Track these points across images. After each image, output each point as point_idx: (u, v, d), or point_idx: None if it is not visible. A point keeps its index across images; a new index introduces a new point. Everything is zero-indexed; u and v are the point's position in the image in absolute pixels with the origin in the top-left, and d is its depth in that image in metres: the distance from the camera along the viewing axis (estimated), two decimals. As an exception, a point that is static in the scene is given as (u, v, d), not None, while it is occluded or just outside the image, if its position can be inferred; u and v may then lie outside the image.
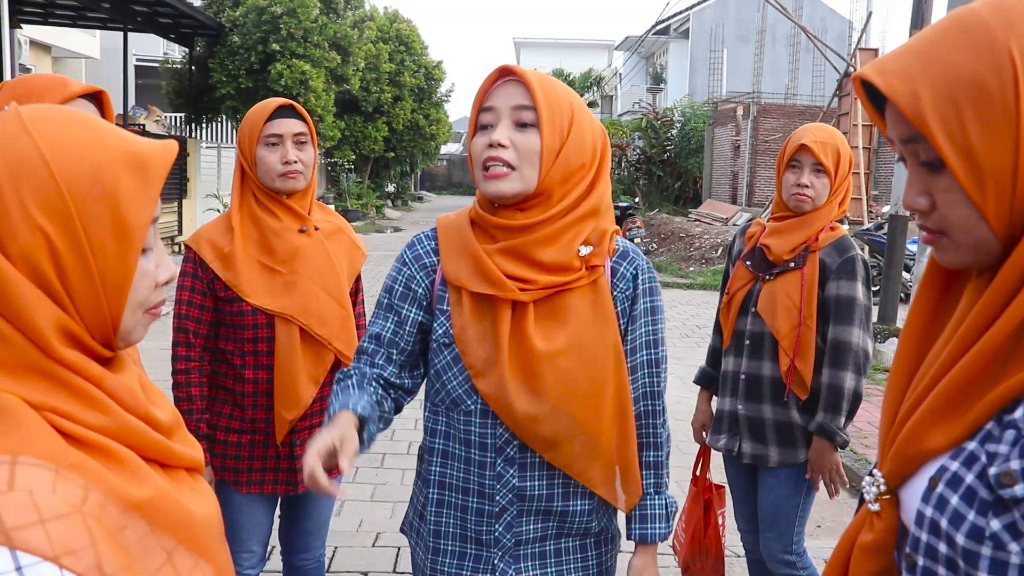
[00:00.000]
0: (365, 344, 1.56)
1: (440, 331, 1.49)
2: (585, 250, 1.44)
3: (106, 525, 0.72)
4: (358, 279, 2.35)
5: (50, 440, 0.73)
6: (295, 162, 2.08)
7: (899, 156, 0.89)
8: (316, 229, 2.16)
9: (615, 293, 1.50)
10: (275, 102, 2.12)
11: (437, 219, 1.57)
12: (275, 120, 2.08)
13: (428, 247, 1.54)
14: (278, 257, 2.09)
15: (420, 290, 1.52)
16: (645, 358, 1.53)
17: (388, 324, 1.54)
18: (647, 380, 1.54)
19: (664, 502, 1.55)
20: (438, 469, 1.52)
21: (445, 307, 1.49)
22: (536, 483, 1.47)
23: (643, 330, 1.53)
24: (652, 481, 1.54)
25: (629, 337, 1.52)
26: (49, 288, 0.76)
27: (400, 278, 1.54)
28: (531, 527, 1.49)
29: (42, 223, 0.75)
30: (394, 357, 1.53)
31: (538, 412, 1.40)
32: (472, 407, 1.46)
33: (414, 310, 1.52)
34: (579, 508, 1.50)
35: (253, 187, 2.11)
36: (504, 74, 1.43)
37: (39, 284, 0.76)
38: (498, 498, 1.47)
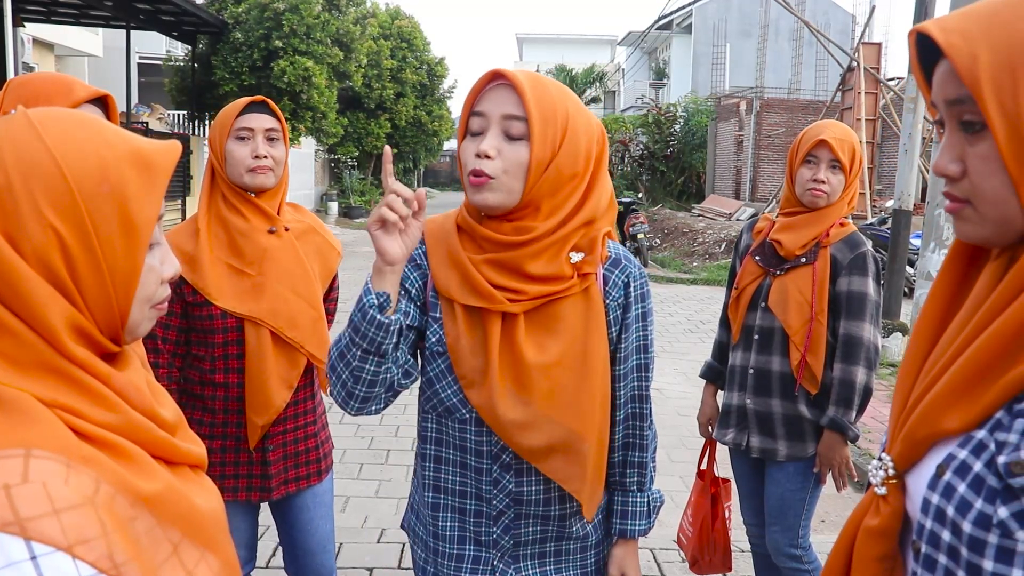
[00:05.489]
0: None
1: (434, 339, 1.45)
2: (576, 256, 1.40)
3: (116, 516, 0.74)
4: (334, 278, 2.28)
5: (62, 435, 0.74)
6: (265, 157, 2.03)
7: (937, 121, 0.87)
8: (286, 229, 2.10)
9: (607, 301, 1.47)
10: (249, 99, 2.09)
11: (424, 221, 1.48)
12: (247, 115, 2.05)
13: (420, 250, 1.48)
14: (246, 259, 2.03)
15: (414, 290, 1.46)
16: (636, 362, 1.53)
17: None
18: (636, 384, 1.54)
19: (647, 499, 1.56)
20: (432, 474, 1.50)
21: (438, 315, 1.45)
22: (532, 488, 1.46)
23: (636, 335, 1.52)
24: (636, 480, 1.56)
25: (623, 345, 1.51)
26: (61, 285, 0.78)
27: None
28: (530, 530, 1.49)
29: (54, 221, 0.77)
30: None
31: (528, 422, 1.38)
32: (467, 416, 1.44)
33: (411, 307, 1.44)
34: (576, 512, 1.51)
35: (223, 186, 2.06)
36: (496, 78, 1.36)
37: (51, 281, 0.78)
38: (495, 502, 1.46)
